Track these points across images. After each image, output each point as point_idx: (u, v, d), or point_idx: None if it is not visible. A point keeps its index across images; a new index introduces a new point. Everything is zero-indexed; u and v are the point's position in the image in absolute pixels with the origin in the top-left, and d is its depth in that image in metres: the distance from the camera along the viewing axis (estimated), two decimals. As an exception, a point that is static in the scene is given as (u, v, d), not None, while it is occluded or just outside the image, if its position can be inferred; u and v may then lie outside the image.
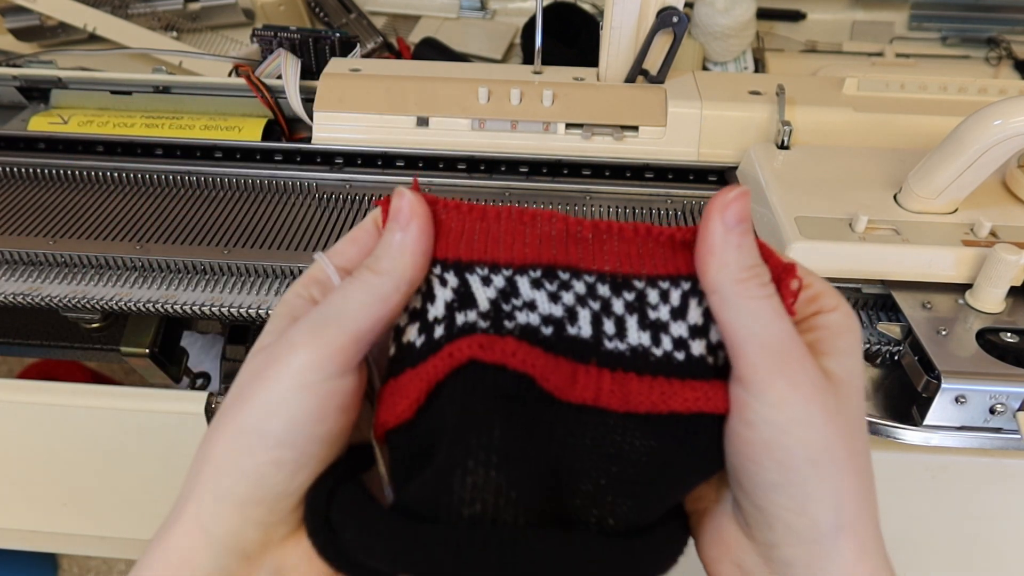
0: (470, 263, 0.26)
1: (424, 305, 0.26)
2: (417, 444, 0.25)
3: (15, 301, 0.47)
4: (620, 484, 0.25)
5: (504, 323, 0.26)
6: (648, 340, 0.26)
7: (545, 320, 0.26)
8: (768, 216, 0.47)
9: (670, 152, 0.56)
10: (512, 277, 0.26)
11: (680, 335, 0.26)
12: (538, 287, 0.26)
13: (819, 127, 0.54)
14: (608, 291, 0.26)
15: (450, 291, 0.26)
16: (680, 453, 0.25)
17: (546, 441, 0.25)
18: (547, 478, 0.24)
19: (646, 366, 0.26)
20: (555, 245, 0.26)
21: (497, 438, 0.23)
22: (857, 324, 0.28)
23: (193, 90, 0.60)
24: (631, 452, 0.25)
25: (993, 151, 0.42)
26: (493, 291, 0.26)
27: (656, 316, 0.26)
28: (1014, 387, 0.39)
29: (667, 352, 0.26)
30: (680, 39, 0.55)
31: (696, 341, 0.26)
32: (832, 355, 0.26)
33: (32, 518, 0.55)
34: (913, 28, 0.87)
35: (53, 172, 0.57)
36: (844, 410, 0.25)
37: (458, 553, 0.22)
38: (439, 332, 0.26)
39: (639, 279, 0.26)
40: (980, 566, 0.50)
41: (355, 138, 0.57)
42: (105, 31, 0.76)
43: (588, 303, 0.26)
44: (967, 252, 0.43)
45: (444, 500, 0.23)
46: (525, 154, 0.56)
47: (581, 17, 0.82)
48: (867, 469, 0.26)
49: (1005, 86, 0.57)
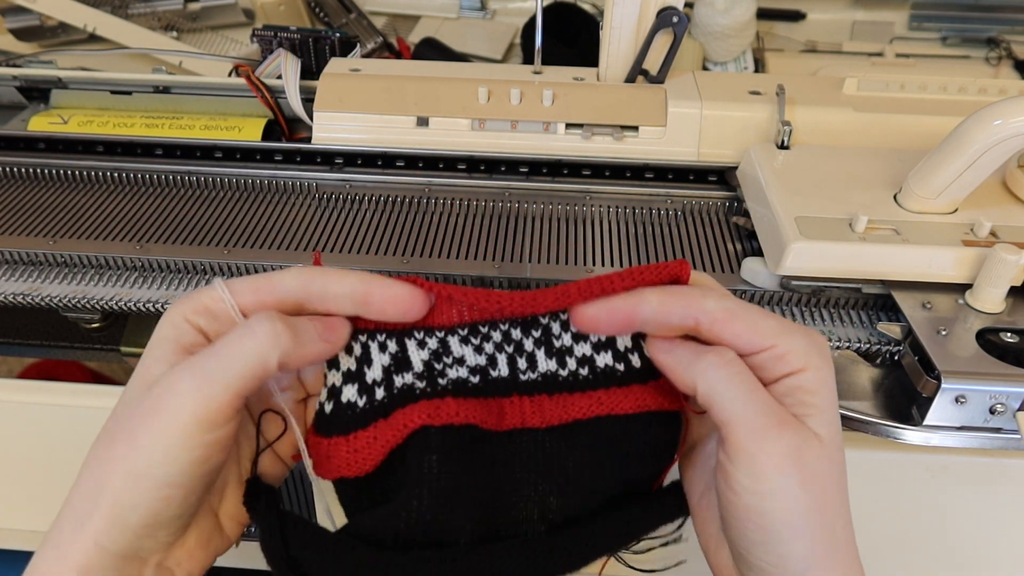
0: (410, 329, 0.31)
1: (360, 368, 0.30)
2: (371, 490, 0.30)
3: (15, 301, 0.47)
4: (555, 486, 0.30)
5: (438, 380, 0.31)
6: (555, 365, 0.31)
7: (472, 371, 0.31)
8: (768, 216, 0.47)
9: (670, 152, 0.56)
10: (444, 338, 0.31)
11: (584, 354, 0.31)
12: (466, 343, 0.31)
13: (819, 127, 0.54)
14: (520, 333, 0.31)
15: (387, 356, 0.31)
16: (591, 452, 0.30)
17: (489, 468, 0.30)
18: (490, 502, 0.29)
19: (555, 386, 0.31)
20: (476, 308, 0.31)
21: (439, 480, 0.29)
22: (828, 371, 0.30)
23: (193, 90, 0.60)
24: (556, 458, 0.30)
25: (993, 151, 0.42)
26: (427, 353, 0.31)
27: (560, 344, 0.31)
28: (1014, 387, 0.39)
29: (572, 371, 0.31)
30: (680, 39, 0.55)
31: (601, 354, 0.31)
32: (811, 416, 0.29)
33: (32, 518, 0.55)
34: (913, 28, 0.87)
35: (53, 172, 0.57)
36: (822, 468, 0.28)
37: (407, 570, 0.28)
38: (380, 393, 0.30)
39: (543, 316, 0.31)
40: (980, 566, 0.50)
41: (355, 138, 0.57)
42: (105, 31, 0.76)
43: (504, 348, 0.31)
44: (967, 252, 0.43)
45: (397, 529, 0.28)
46: (525, 154, 0.56)
47: (581, 17, 0.82)
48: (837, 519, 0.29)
49: (1005, 86, 0.57)
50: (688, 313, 0.29)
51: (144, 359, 0.29)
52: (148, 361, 0.29)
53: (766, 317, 0.29)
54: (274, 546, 0.29)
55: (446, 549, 0.28)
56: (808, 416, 0.28)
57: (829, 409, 0.29)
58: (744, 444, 0.27)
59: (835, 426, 0.29)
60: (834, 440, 0.29)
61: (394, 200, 0.55)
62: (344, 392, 0.30)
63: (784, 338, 0.29)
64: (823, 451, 0.28)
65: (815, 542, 0.28)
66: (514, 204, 0.55)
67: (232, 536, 0.32)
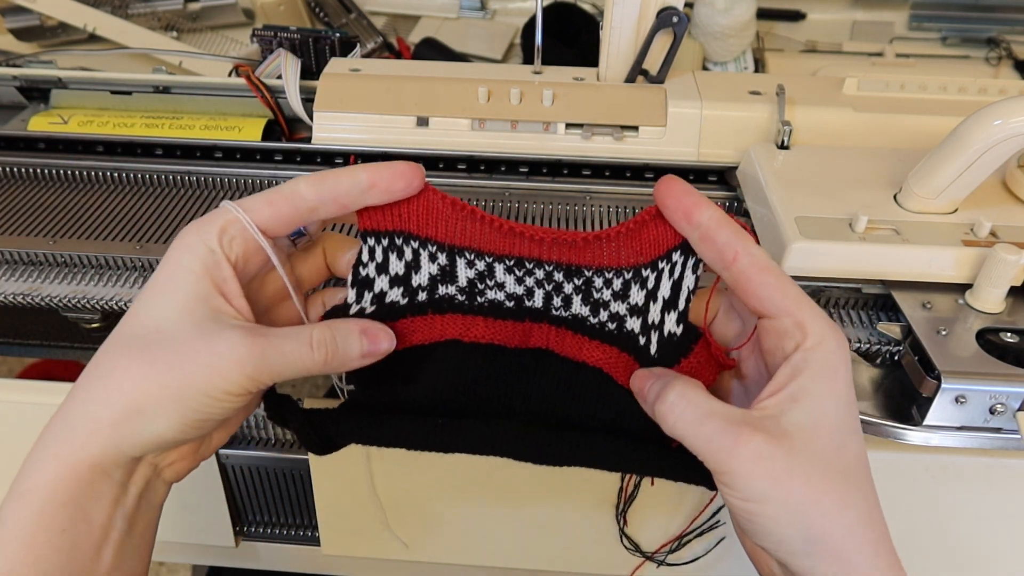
0: (461, 248, 0.34)
1: (408, 273, 0.34)
2: (388, 366, 0.34)
3: (15, 301, 0.47)
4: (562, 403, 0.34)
5: (476, 298, 0.35)
6: (588, 311, 0.34)
7: (509, 296, 0.35)
8: (768, 216, 0.47)
9: (670, 152, 0.56)
10: (491, 263, 0.34)
11: (617, 311, 0.34)
12: (509, 272, 0.34)
13: (819, 127, 0.54)
14: (562, 276, 0.34)
15: (436, 267, 0.34)
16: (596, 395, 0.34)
17: (506, 375, 0.34)
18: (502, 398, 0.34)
19: (580, 327, 0.34)
20: (525, 243, 0.34)
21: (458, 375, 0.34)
22: (839, 357, 0.30)
23: (193, 90, 0.60)
24: (567, 383, 0.34)
25: (993, 151, 0.42)
26: (473, 272, 0.34)
27: (599, 296, 0.34)
28: (1014, 387, 0.39)
29: (601, 321, 0.34)
30: (680, 39, 0.55)
31: (631, 319, 0.34)
32: (800, 401, 0.29)
33: (32, 518, 0.55)
34: (913, 28, 0.87)
35: (53, 172, 0.57)
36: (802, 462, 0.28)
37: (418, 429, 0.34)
38: (421, 297, 0.35)
39: (587, 269, 0.34)
40: (980, 566, 0.50)
41: (355, 138, 0.57)
42: (105, 31, 0.76)
43: (544, 285, 0.35)
44: (967, 252, 0.43)
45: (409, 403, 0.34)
46: (525, 154, 0.56)
47: (581, 17, 0.82)
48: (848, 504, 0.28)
49: (1005, 86, 0.57)
50: (733, 242, 0.30)
51: (168, 284, 0.30)
52: (179, 292, 0.30)
53: (796, 285, 0.30)
54: (311, 438, 0.34)
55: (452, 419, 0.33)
56: (796, 401, 0.29)
57: (823, 397, 0.29)
58: (715, 469, 0.29)
59: (825, 413, 0.29)
60: (818, 427, 0.29)
61: (394, 200, 0.55)
62: (389, 295, 0.35)
63: (807, 310, 0.30)
64: (792, 445, 0.28)
65: (812, 528, 0.28)
66: (514, 204, 0.55)
67: (218, 445, 0.36)
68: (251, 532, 0.58)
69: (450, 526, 0.53)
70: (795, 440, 0.28)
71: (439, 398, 0.34)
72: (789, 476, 0.28)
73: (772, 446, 0.28)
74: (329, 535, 0.54)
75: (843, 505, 0.28)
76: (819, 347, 0.29)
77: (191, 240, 0.30)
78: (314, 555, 0.58)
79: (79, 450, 0.29)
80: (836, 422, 0.29)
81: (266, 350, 0.30)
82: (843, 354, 0.30)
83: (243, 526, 0.57)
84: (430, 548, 0.55)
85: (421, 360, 0.35)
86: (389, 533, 0.53)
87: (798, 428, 0.28)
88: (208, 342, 0.29)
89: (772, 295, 0.30)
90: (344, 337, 0.32)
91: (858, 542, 0.28)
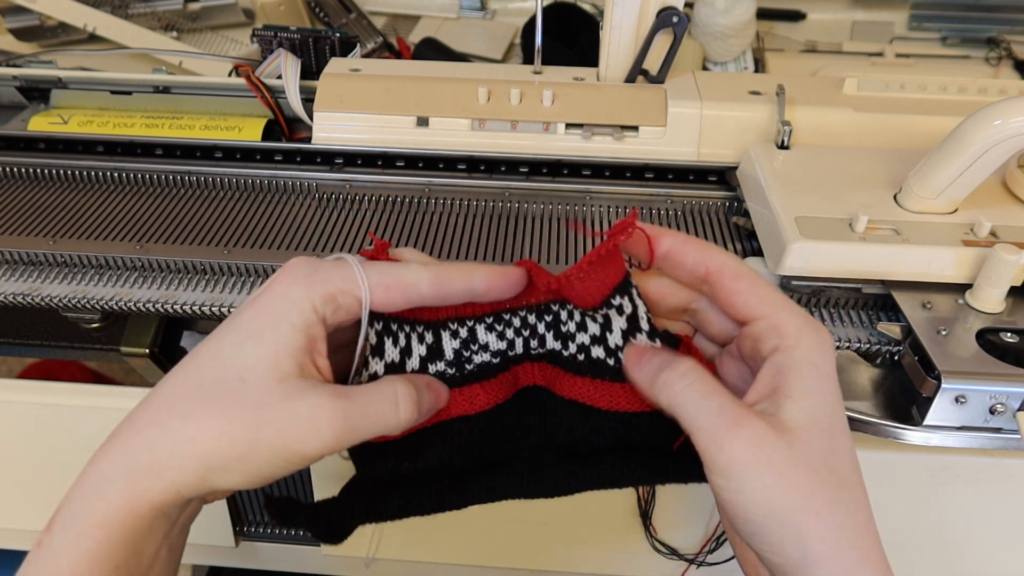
0: (444, 320, 0.34)
1: (403, 359, 0.34)
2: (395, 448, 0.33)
3: (15, 301, 0.47)
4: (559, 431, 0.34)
5: (465, 366, 0.34)
6: (559, 346, 0.34)
7: (494, 355, 0.34)
8: (768, 216, 0.47)
9: (670, 152, 0.56)
10: (473, 327, 0.34)
11: (582, 342, 0.34)
12: (490, 330, 0.34)
13: (819, 127, 0.54)
14: (535, 319, 0.34)
15: (424, 347, 0.34)
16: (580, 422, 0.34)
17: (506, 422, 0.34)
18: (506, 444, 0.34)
19: (556, 361, 0.34)
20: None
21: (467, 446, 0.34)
22: (821, 354, 0.29)
23: (193, 90, 0.60)
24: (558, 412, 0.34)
25: (993, 151, 0.42)
26: (458, 342, 0.34)
27: (565, 329, 0.34)
28: (1014, 387, 0.39)
29: (572, 354, 0.34)
30: (680, 39, 0.55)
31: (595, 347, 0.34)
32: (793, 398, 0.29)
33: (32, 518, 0.55)
34: (913, 28, 0.87)
35: (53, 172, 0.57)
36: (801, 457, 0.28)
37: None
38: None
39: (554, 304, 0.34)
40: (980, 566, 0.50)
41: (355, 138, 0.57)
42: (105, 31, 0.76)
43: (521, 332, 0.35)
44: (967, 252, 0.43)
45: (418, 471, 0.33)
46: (525, 154, 0.56)
47: (581, 17, 0.82)
48: (837, 504, 0.28)
49: (1005, 86, 0.57)
50: (701, 259, 0.31)
51: (263, 334, 0.29)
52: (272, 344, 0.29)
53: (771, 288, 0.30)
54: (325, 530, 0.33)
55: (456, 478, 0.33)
56: (787, 399, 0.28)
57: (812, 393, 0.29)
58: (707, 448, 0.28)
59: (817, 411, 0.29)
60: (813, 426, 0.28)
61: (394, 200, 0.55)
62: None
63: (782, 312, 0.30)
64: (791, 440, 0.28)
65: (806, 530, 0.27)
66: (514, 204, 0.55)
67: None
68: (251, 532, 0.58)
69: (450, 526, 0.53)
70: (794, 435, 0.28)
71: (446, 467, 0.33)
72: (788, 470, 0.27)
73: (774, 436, 0.28)
74: (329, 535, 0.54)
75: (834, 505, 0.28)
76: (798, 347, 0.29)
77: (297, 295, 0.30)
78: (314, 555, 0.58)
79: (143, 492, 0.28)
80: (828, 421, 0.29)
81: (349, 412, 0.29)
82: (824, 351, 0.29)
83: (243, 526, 0.57)
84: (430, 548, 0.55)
85: (426, 436, 0.34)
86: (389, 533, 0.53)
87: (795, 424, 0.28)
88: (291, 403, 0.28)
89: (747, 301, 0.30)
90: (422, 392, 0.32)
91: (848, 546, 0.28)
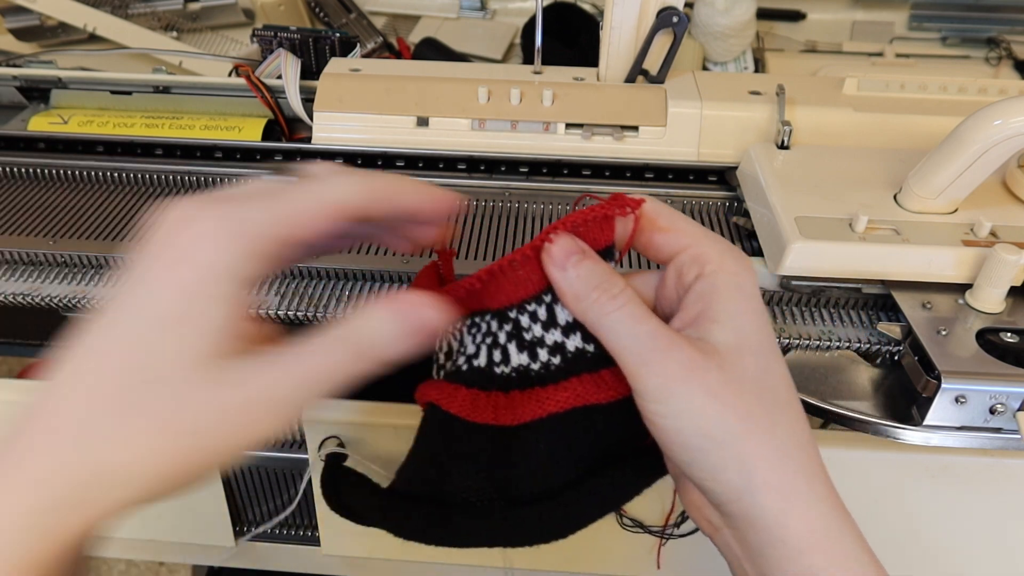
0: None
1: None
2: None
3: (15, 301, 0.47)
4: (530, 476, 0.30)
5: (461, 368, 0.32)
6: (527, 359, 0.31)
7: (467, 358, 0.31)
8: (768, 216, 0.47)
9: (670, 152, 0.56)
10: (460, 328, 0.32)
11: (555, 341, 0.30)
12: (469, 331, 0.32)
13: (819, 127, 0.54)
14: (496, 325, 0.31)
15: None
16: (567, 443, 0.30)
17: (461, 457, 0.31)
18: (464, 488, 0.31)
19: (527, 381, 0.31)
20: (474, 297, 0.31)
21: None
22: (744, 277, 0.29)
23: (193, 90, 0.60)
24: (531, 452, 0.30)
25: (993, 151, 0.42)
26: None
27: (530, 336, 0.30)
28: (1014, 387, 0.39)
29: (544, 362, 0.30)
30: (680, 39, 0.55)
31: (571, 337, 0.30)
32: (719, 321, 0.28)
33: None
34: (913, 28, 0.87)
35: (53, 172, 0.57)
36: (733, 379, 0.27)
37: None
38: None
39: (510, 310, 0.31)
40: (980, 566, 0.50)
41: (355, 138, 0.57)
42: (105, 31, 0.76)
43: (485, 339, 0.31)
44: (967, 252, 0.43)
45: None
46: (525, 154, 0.56)
47: (581, 17, 0.82)
48: (777, 425, 0.28)
49: (1005, 86, 0.57)
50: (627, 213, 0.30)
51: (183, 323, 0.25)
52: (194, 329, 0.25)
53: (689, 222, 0.30)
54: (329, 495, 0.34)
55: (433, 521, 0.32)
56: (714, 323, 0.28)
57: (739, 315, 0.28)
58: (637, 372, 0.28)
59: (745, 332, 0.28)
60: (743, 346, 0.28)
61: (394, 200, 0.55)
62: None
63: (702, 241, 0.30)
64: (721, 361, 0.27)
65: (745, 451, 0.27)
66: (514, 204, 0.55)
67: None
68: (251, 532, 0.58)
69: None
70: (724, 356, 0.28)
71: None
72: (721, 390, 0.27)
73: (705, 359, 0.27)
74: (329, 535, 0.54)
75: (773, 427, 0.27)
76: (720, 271, 0.29)
77: (213, 258, 0.25)
78: (314, 555, 0.58)
79: (55, 534, 0.24)
80: (758, 341, 0.28)
81: (293, 375, 0.25)
82: (748, 275, 0.29)
83: (243, 526, 0.57)
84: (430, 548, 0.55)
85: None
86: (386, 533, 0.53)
87: (725, 346, 0.28)
88: (230, 391, 0.25)
89: (666, 239, 0.30)
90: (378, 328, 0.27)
91: (792, 468, 0.27)
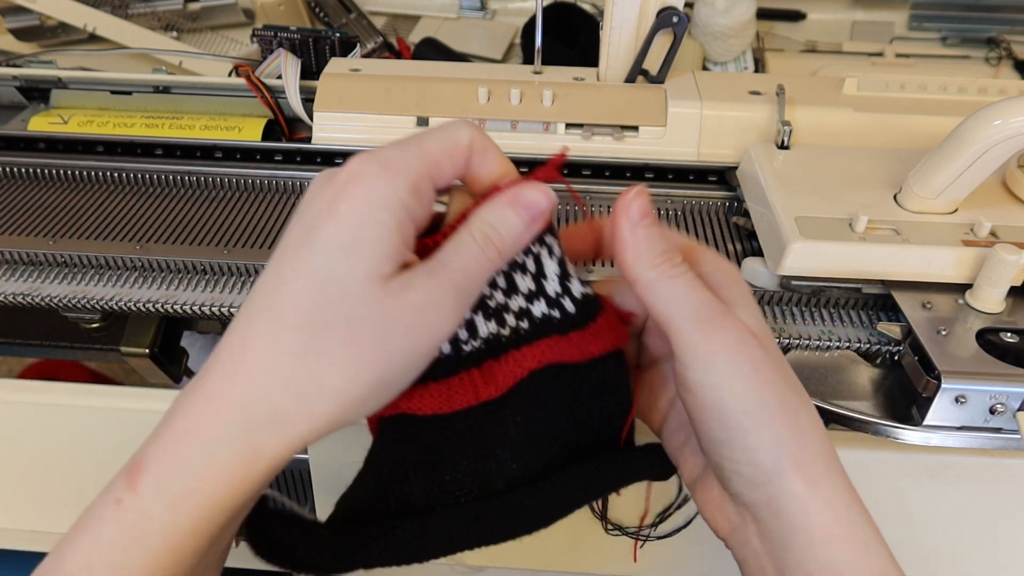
0: None
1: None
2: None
3: (15, 301, 0.47)
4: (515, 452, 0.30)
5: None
6: (495, 327, 0.30)
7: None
8: (768, 216, 0.47)
9: (670, 152, 0.56)
10: None
11: (520, 307, 0.30)
12: None
13: (819, 127, 0.54)
14: None
15: None
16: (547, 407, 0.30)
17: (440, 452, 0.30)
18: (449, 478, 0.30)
19: (499, 348, 0.30)
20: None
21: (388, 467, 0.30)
22: (740, 274, 0.31)
23: (193, 90, 0.60)
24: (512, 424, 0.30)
25: (993, 151, 0.42)
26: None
27: (494, 303, 0.30)
28: (1014, 387, 0.39)
29: (513, 327, 0.30)
30: (680, 39, 0.55)
31: (536, 303, 0.30)
32: (739, 306, 0.29)
33: (32, 518, 0.55)
34: (913, 28, 0.87)
35: (53, 172, 0.57)
36: (772, 359, 0.28)
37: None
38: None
39: None
40: (980, 566, 0.50)
41: (355, 138, 0.57)
42: (105, 31, 0.76)
43: None
44: (967, 252, 0.43)
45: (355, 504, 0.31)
46: (525, 154, 0.56)
47: (581, 17, 0.82)
48: (801, 409, 0.28)
49: (1005, 86, 0.57)
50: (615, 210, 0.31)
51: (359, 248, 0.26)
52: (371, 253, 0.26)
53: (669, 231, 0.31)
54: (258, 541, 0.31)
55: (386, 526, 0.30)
56: (736, 306, 0.29)
57: (752, 304, 0.30)
58: (690, 338, 0.28)
59: (760, 321, 0.29)
60: (763, 333, 0.29)
61: (394, 200, 0.55)
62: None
63: (692, 242, 0.31)
64: (768, 340, 0.29)
65: (780, 431, 0.27)
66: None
67: None
68: (251, 532, 0.58)
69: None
70: (760, 336, 0.28)
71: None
72: (764, 366, 0.27)
73: (752, 334, 0.28)
74: (329, 535, 0.54)
75: (797, 409, 0.28)
76: (720, 266, 0.31)
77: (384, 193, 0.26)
78: (314, 555, 0.58)
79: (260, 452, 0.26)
80: (768, 332, 0.30)
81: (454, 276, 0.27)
82: (740, 273, 0.31)
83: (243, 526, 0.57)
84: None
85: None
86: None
87: (754, 329, 0.28)
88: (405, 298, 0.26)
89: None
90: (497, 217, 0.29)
91: (814, 452, 0.28)
